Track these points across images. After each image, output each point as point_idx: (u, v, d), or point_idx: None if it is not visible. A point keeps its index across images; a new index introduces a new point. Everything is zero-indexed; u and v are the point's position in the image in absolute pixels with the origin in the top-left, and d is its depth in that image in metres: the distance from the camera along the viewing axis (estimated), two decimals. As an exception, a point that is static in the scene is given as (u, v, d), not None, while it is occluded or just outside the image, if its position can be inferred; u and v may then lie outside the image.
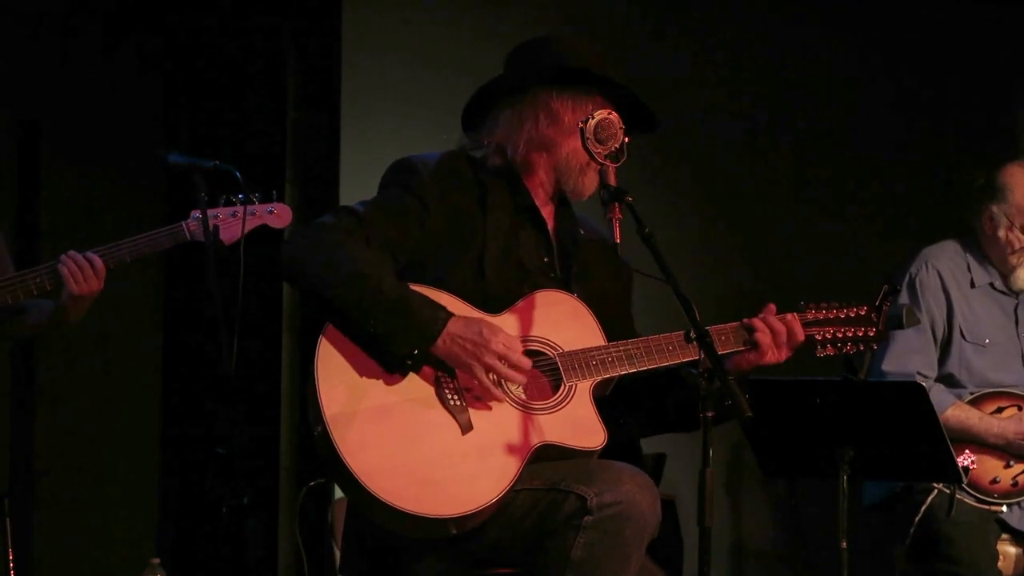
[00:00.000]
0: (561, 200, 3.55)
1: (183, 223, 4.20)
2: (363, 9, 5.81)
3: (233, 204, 4.25)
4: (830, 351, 3.55)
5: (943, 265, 4.78)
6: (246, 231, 4.22)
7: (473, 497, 3.21)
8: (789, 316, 3.49)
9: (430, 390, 3.28)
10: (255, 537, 5.80)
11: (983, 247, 4.80)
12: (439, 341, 3.24)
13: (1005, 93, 6.34)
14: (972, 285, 4.78)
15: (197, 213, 4.15)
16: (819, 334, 3.52)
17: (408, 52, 5.76)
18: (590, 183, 3.46)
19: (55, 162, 6.11)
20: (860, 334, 3.55)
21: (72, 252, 4.16)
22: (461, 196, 3.43)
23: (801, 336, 3.49)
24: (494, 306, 3.37)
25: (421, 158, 3.46)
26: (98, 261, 4.16)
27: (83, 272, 4.13)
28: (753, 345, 3.45)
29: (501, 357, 3.25)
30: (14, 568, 4.70)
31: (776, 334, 3.45)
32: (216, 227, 4.14)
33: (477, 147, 3.50)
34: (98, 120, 6.07)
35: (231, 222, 4.24)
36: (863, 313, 3.56)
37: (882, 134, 6.34)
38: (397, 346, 3.23)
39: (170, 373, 6.29)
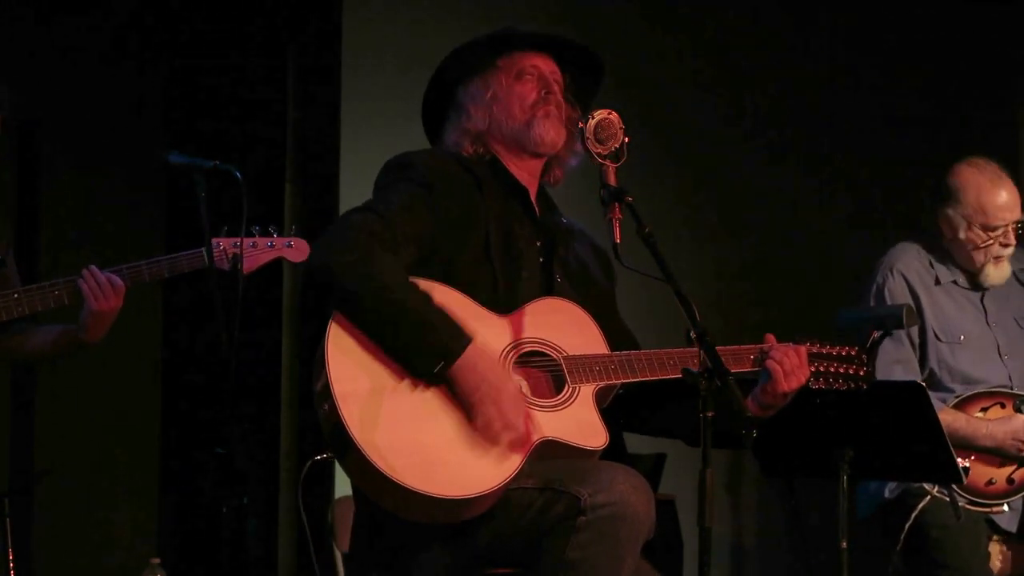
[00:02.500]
0: (539, 190, 3.62)
1: (203, 250, 4.24)
2: (363, 9, 5.81)
3: (253, 235, 4.34)
4: (821, 384, 3.58)
5: (907, 268, 4.78)
6: (265, 262, 4.36)
7: (477, 482, 3.23)
8: (792, 344, 3.51)
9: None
10: (255, 537, 5.80)
11: (947, 248, 4.80)
12: (456, 365, 3.26)
13: (1005, 91, 6.34)
14: (937, 282, 4.78)
15: (218, 242, 4.23)
16: (812, 366, 3.55)
17: (408, 52, 5.76)
18: (545, 132, 3.53)
19: (55, 162, 6.11)
20: (851, 372, 3.60)
21: (93, 268, 4.16)
22: (458, 183, 3.48)
23: (804, 350, 3.51)
24: (501, 294, 3.41)
25: (408, 154, 3.52)
26: (117, 280, 4.17)
27: (103, 289, 4.14)
28: (767, 374, 3.46)
29: (502, 418, 3.27)
30: (14, 568, 4.71)
31: (788, 358, 3.47)
32: (236, 255, 4.21)
33: (447, 141, 3.59)
34: (98, 120, 6.07)
35: (251, 252, 4.32)
36: (853, 354, 3.60)
37: (883, 134, 6.34)
38: (414, 362, 3.27)
39: (170, 373, 6.30)
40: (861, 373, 3.61)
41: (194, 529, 6.06)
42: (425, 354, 3.26)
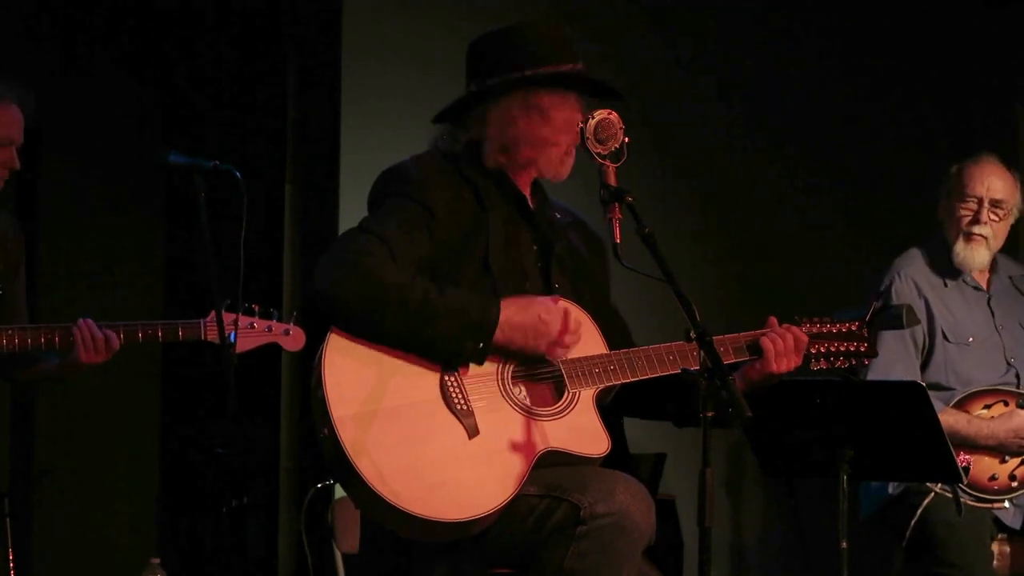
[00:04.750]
0: (534, 185, 3.59)
1: (202, 322, 4.21)
2: (363, 9, 5.81)
3: (253, 315, 4.32)
4: (823, 365, 3.57)
5: (915, 271, 4.81)
6: (258, 345, 4.32)
7: (480, 502, 3.22)
8: (790, 325, 3.51)
9: (436, 393, 3.30)
10: (255, 537, 5.80)
11: (944, 243, 4.84)
12: (497, 332, 3.30)
13: (1005, 92, 6.34)
14: (945, 284, 4.81)
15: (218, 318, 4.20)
16: (812, 347, 3.55)
17: (408, 52, 5.76)
18: (568, 167, 3.51)
19: (55, 163, 6.11)
20: (852, 349, 3.58)
21: (89, 322, 4.16)
22: (457, 195, 3.46)
23: (805, 340, 3.50)
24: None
25: (407, 165, 3.48)
26: (113, 339, 4.18)
27: (96, 344, 4.15)
28: (757, 353, 3.46)
29: (557, 343, 3.34)
30: (14, 568, 4.71)
31: (783, 340, 3.47)
32: (233, 334, 4.19)
33: (452, 143, 3.52)
34: (98, 121, 6.08)
35: (247, 333, 4.29)
36: (854, 328, 3.59)
37: (882, 134, 6.34)
38: (460, 348, 3.29)
39: (170, 373, 6.30)
40: (863, 349, 3.59)
41: (194, 529, 6.06)
42: (464, 340, 3.28)
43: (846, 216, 6.32)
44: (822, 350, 3.56)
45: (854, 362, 3.58)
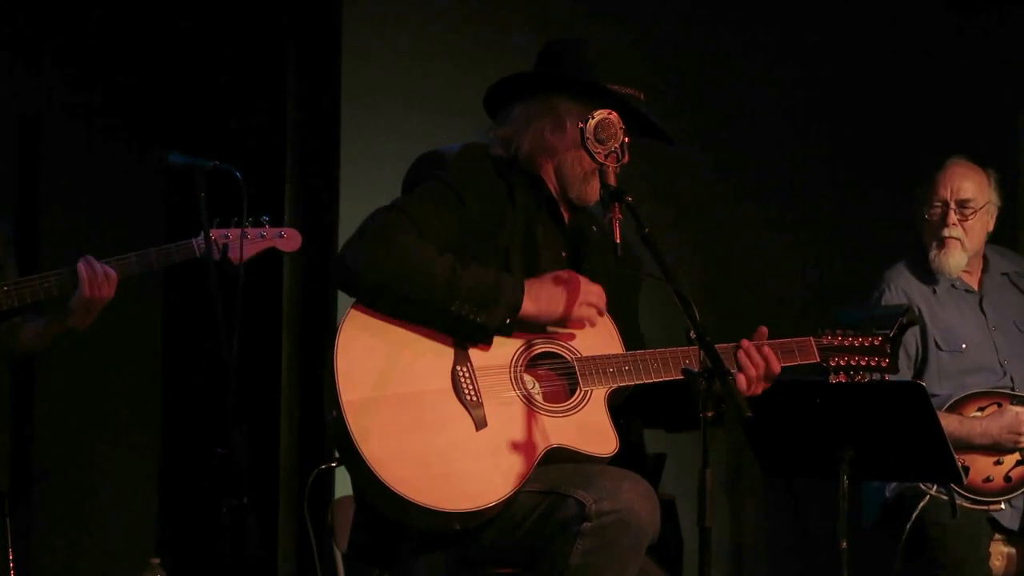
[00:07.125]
0: (571, 203, 3.58)
1: (192, 240, 4.23)
2: (364, 9, 5.81)
3: (246, 226, 4.31)
4: (842, 378, 3.57)
5: (904, 282, 4.84)
6: (256, 252, 4.36)
7: (482, 494, 3.23)
8: (766, 349, 3.48)
9: (447, 383, 3.30)
10: (255, 537, 5.80)
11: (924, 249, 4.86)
12: (526, 301, 3.30)
13: (1005, 96, 6.33)
14: (934, 292, 4.82)
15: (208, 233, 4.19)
16: (833, 360, 3.55)
17: (408, 52, 5.76)
18: (593, 191, 3.49)
19: (55, 162, 6.11)
20: (873, 363, 3.59)
21: (90, 257, 4.19)
22: (488, 187, 3.46)
23: (777, 369, 3.48)
24: None
25: (447, 150, 3.50)
26: (111, 271, 4.22)
27: (98, 278, 4.16)
28: None
29: (584, 303, 3.35)
30: (14, 568, 4.71)
31: (755, 367, 3.45)
32: (225, 245, 4.19)
33: (491, 141, 3.54)
34: (98, 120, 6.07)
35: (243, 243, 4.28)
36: (877, 343, 3.59)
37: (881, 136, 6.33)
38: (488, 320, 3.29)
39: (170, 373, 6.29)
40: (884, 364, 3.60)
41: (194, 529, 6.05)
42: (491, 311, 3.28)
43: (845, 220, 6.31)
44: (842, 363, 3.57)
45: (874, 376, 3.58)
